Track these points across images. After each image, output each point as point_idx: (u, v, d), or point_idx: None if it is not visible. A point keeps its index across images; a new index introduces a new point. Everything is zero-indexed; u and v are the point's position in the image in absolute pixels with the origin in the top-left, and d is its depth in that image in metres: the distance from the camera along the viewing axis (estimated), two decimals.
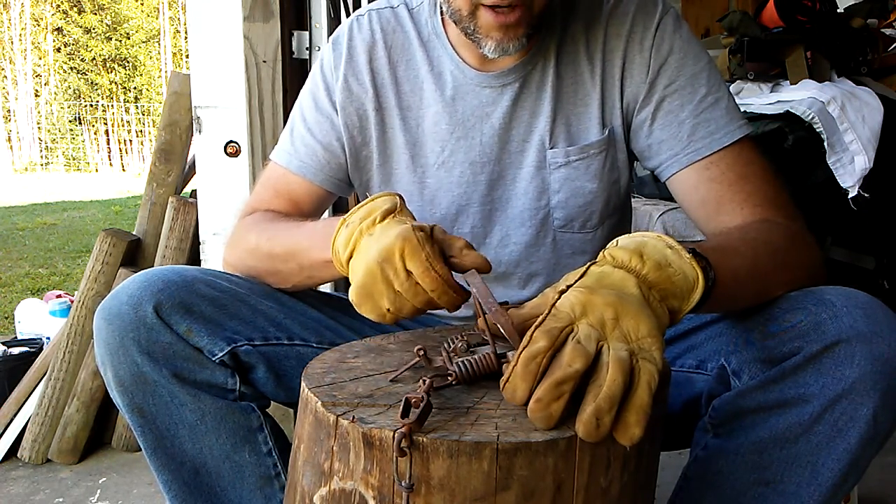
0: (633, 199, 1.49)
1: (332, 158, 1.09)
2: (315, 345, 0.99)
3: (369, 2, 1.17)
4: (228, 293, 0.94)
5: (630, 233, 0.94)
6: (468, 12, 0.89)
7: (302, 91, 1.12)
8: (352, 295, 0.78)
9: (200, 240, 1.98)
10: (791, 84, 2.02)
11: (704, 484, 0.84)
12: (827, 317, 0.76)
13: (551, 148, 1.00)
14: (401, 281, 0.74)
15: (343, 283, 1.12)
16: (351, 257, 0.79)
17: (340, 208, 2.25)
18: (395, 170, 1.07)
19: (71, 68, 18.50)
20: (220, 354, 0.90)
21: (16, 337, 2.39)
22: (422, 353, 0.75)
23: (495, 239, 1.06)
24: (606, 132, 1.00)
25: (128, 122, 15.93)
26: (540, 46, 1.00)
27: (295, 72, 2.07)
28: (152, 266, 2.04)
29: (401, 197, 0.81)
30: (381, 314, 0.77)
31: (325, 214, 1.22)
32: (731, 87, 2.19)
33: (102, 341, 0.88)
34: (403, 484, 0.61)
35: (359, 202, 0.84)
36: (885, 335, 0.74)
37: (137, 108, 16.59)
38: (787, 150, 1.87)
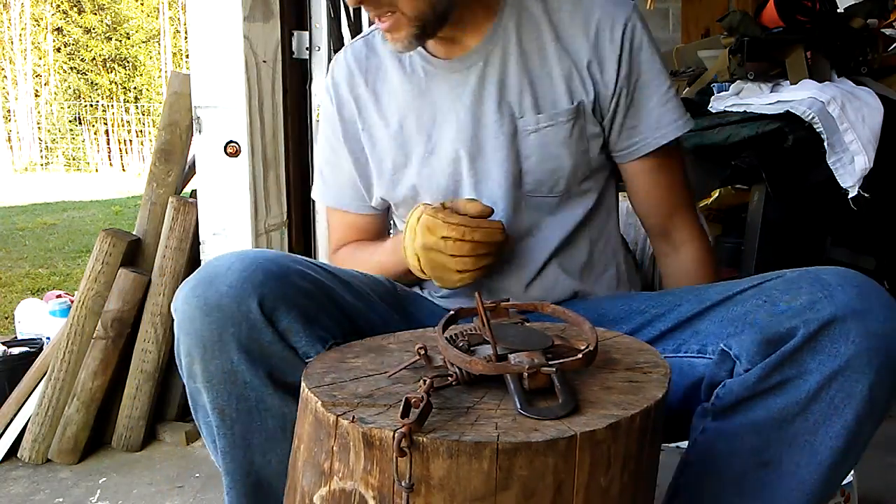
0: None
1: (357, 188, 1.21)
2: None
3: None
4: (316, 285, 0.89)
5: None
6: (372, 21, 1.04)
7: (318, 135, 1.24)
8: (437, 285, 1.02)
9: (200, 240, 1.99)
10: (791, 84, 2.02)
11: (704, 468, 0.85)
12: (822, 296, 0.78)
13: (521, 117, 1.06)
14: (443, 246, 0.95)
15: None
16: (419, 264, 0.99)
17: None
18: (394, 175, 1.14)
19: (71, 68, 18.48)
20: (314, 357, 0.85)
21: (16, 337, 2.38)
22: (423, 351, 0.75)
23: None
24: (575, 104, 1.06)
25: (128, 122, 15.90)
26: (497, 26, 1.07)
27: (295, 72, 2.07)
28: (152, 266, 2.04)
29: (424, 205, 1.00)
30: (460, 279, 0.98)
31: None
32: (731, 87, 2.19)
33: (195, 333, 0.82)
34: (403, 484, 0.61)
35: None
36: (878, 312, 0.77)
37: (137, 108, 16.54)
38: (787, 150, 1.87)
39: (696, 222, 1.16)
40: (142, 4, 19.32)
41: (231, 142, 1.94)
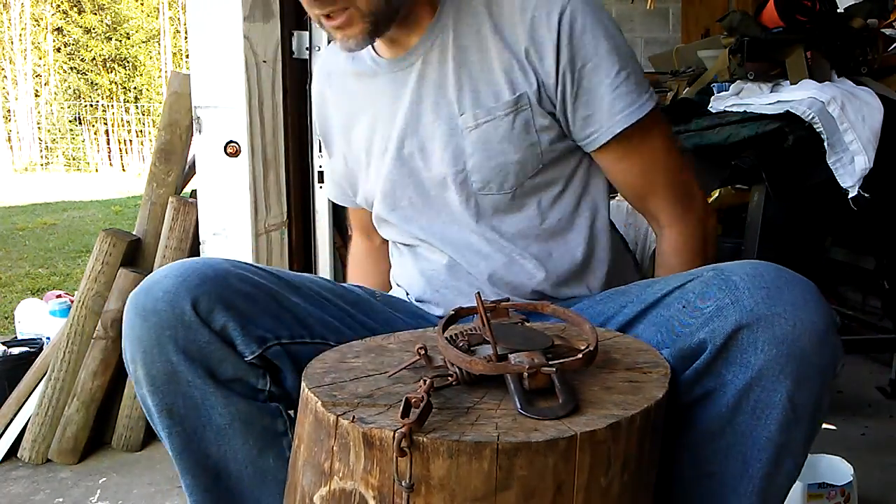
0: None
1: (340, 185, 1.26)
2: (333, 344, 0.98)
3: None
4: (259, 287, 0.91)
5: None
6: (317, 22, 1.01)
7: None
8: None
9: (200, 240, 1.98)
10: (791, 84, 2.02)
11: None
12: (729, 301, 0.76)
13: (461, 114, 1.03)
14: None
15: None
16: None
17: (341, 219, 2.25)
18: (360, 175, 1.17)
19: (71, 68, 18.47)
20: (251, 356, 0.88)
21: (16, 337, 2.39)
22: (423, 351, 0.75)
23: (434, 208, 1.09)
24: (516, 96, 1.01)
25: (128, 122, 15.89)
26: (436, 22, 1.05)
27: (295, 72, 2.07)
28: (152, 266, 2.04)
29: None
30: None
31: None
32: (731, 87, 2.19)
33: (135, 339, 0.85)
34: (404, 484, 0.61)
35: None
36: (788, 315, 0.73)
37: (137, 108, 16.54)
38: (787, 150, 1.87)
39: (678, 206, 1.09)
40: (142, 4, 19.31)
41: (231, 142, 1.94)
